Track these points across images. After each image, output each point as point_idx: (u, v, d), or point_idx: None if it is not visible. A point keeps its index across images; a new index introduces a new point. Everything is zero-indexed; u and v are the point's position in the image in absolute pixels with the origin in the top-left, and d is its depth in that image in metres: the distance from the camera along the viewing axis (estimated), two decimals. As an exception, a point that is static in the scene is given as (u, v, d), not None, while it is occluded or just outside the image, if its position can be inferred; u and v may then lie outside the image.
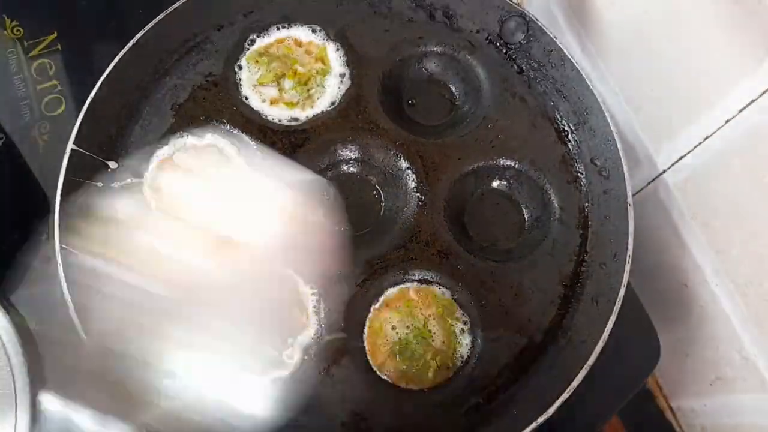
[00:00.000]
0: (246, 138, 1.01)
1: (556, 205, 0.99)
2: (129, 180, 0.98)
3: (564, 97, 1.03)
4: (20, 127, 1.15)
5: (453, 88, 1.09)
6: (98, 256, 0.89)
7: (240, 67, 1.06)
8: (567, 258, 0.95)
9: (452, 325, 0.91)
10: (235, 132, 1.01)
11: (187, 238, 0.92)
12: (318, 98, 1.03)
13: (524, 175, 1.01)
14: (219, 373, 0.87)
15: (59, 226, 0.89)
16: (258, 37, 1.07)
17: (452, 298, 0.92)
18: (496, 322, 0.91)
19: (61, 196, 0.91)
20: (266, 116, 1.02)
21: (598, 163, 0.98)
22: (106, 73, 0.98)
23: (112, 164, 0.98)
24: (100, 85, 0.97)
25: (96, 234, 0.92)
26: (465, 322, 0.91)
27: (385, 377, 0.89)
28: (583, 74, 0.98)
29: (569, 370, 0.86)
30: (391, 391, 0.88)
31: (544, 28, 1.01)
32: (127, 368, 0.83)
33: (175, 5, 1.02)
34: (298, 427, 0.86)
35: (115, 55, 0.98)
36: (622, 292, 0.87)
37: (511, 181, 1.02)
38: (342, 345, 0.90)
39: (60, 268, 0.87)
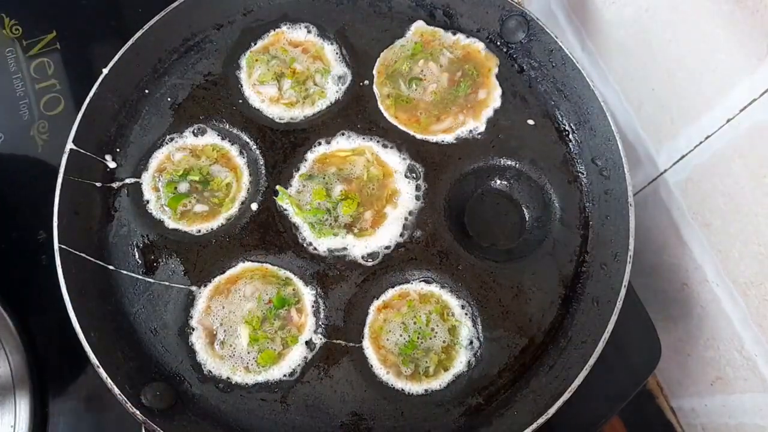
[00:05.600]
0: (245, 137, 1.00)
1: (557, 205, 0.98)
2: (128, 180, 0.98)
3: (565, 97, 1.02)
4: (19, 126, 1.15)
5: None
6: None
7: (239, 67, 1.05)
8: (568, 258, 0.95)
9: (452, 325, 0.90)
10: (235, 131, 1.01)
11: None
12: (317, 98, 1.03)
13: (525, 175, 1.00)
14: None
15: (58, 225, 0.89)
16: (257, 36, 1.07)
17: (452, 298, 0.92)
18: (497, 322, 0.91)
19: (60, 195, 0.90)
20: (266, 115, 1.02)
21: (599, 163, 0.98)
22: (105, 72, 0.97)
23: (111, 164, 0.98)
24: (99, 84, 0.97)
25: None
26: (465, 322, 0.91)
27: (385, 378, 0.88)
28: (584, 73, 0.98)
29: (570, 371, 0.86)
30: (391, 391, 0.88)
31: (545, 28, 1.01)
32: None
33: (174, 4, 1.02)
34: (297, 427, 0.86)
35: (115, 55, 0.98)
36: (623, 293, 0.87)
37: (512, 181, 1.01)
38: (342, 345, 0.90)
39: (59, 269, 0.86)
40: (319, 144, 1.00)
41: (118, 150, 0.99)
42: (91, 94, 0.96)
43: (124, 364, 0.86)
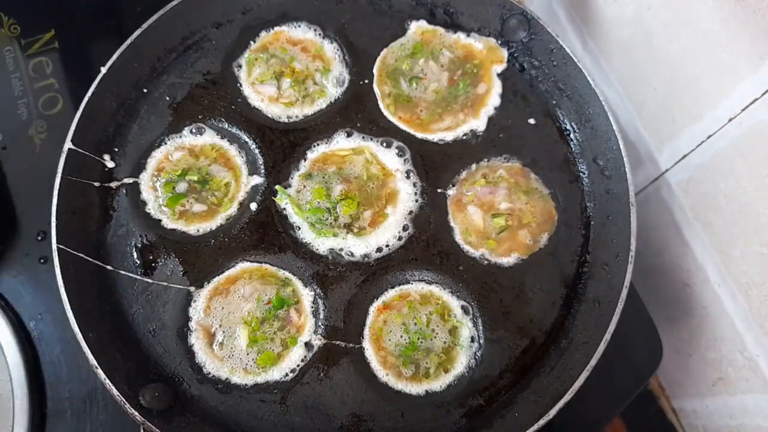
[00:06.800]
0: (245, 136, 1.00)
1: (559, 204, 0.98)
2: (126, 179, 0.97)
3: (566, 96, 1.02)
4: (17, 125, 1.14)
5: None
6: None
7: (239, 65, 1.05)
8: (569, 258, 0.95)
9: (453, 326, 0.90)
10: (234, 130, 1.00)
11: None
12: (317, 96, 1.02)
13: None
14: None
15: (56, 225, 0.88)
16: (257, 34, 1.07)
17: (453, 299, 0.91)
18: (497, 323, 0.91)
19: (58, 195, 0.90)
20: (265, 114, 1.02)
21: (601, 163, 0.98)
22: (104, 71, 0.97)
23: (110, 163, 0.98)
24: (98, 83, 0.96)
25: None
26: (466, 323, 0.90)
27: (384, 379, 0.88)
28: (585, 73, 0.97)
29: (571, 372, 0.85)
30: (392, 392, 0.87)
31: (546, 27, 1.01)
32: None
33: (173, 3, 1.01)
34: (296, 428, 0.86)
35: (113, 54, 0.98)
36: (624, 293, 0.87)
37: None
38: (341, 346, 0.89)
39: (57, 269, 0.86)
40: (319, 143, 0.99)
41: (116, 149, 0.99)
42: (89, 93, 0.95)
43: (123, 364, 0.86)
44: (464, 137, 1.00)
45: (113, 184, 0.97)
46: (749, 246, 0.89)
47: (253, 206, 0.95)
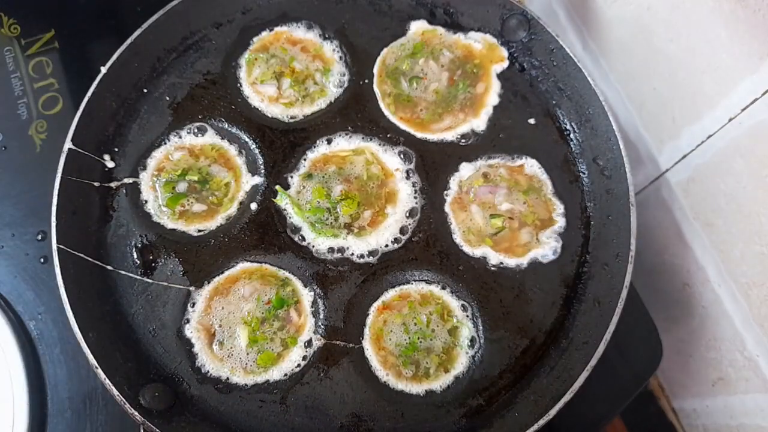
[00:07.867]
0: (245, 137, 1.00)
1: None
2: (126, 179, 0.97)
3: (566, 96, 1.02)
4: (17, 125, 1.14)
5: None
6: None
7: (239, 65, 1.05)
8: (569, 258, 0.95)
9: (453, 326, 0.90)
10: (234, 131, 1.00)
11: None
12: (317, 96, 1.02)
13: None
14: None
15: (56, 225, 0.88)
16: (257, 34, 1.07)
17: (453, 299, 0.91)
18: (497, 323, 0.91)
19: (58, 195, 0.90)
20: (265, 115, 1.02)
21: (601, 163, 0.97)
22: (104, 71, 0.97)
23: (110, 163, 0.98)
24: (98, 83, 0.96)
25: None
26: (466, 323, 0.90)
27: (385, 379, 0.88)
28: (585, 72, 0.97)
29: (571, 372, 0.85)
30: (392, 392, 0.87)
31: (546, 27, 1.01)
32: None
33: (173, 3, 1.01)
34: (296, 428, 0.86)
35: (113, 54, 0.98)
36: (624, 293, 0.87)
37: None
38: (341, 346, 0.89)
39: (57, 269, 0.86)
40: (319, 143, 0.99)
41: (116, 149, 0.99)
42: (89, 93, 0.95)
43: (123, 364, 0.86)
44: (464, 137, 1.00)
45: (113, 184, 0.97)
46: (749, 246, 0.89)
47: (253, 206, 0.95)
